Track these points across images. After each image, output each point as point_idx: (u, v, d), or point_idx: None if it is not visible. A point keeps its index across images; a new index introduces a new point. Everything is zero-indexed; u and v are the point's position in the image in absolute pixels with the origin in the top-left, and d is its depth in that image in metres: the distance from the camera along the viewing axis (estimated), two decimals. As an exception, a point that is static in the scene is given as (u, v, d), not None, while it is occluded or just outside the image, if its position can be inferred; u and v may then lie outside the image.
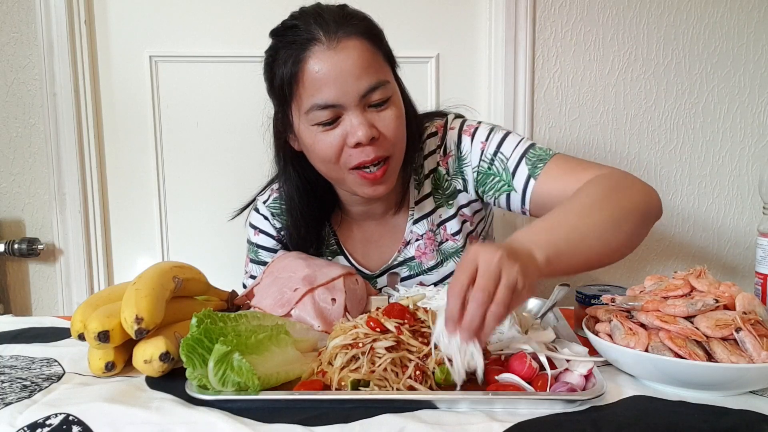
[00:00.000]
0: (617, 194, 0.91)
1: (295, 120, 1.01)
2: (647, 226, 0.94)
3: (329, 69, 0.94)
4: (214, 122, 1.72)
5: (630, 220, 0.90)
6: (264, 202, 1.18)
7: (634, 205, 0.91)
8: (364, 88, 0.94)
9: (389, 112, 0.98)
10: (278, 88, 1.00)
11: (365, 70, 0.95)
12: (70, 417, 0.66)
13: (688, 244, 1.82)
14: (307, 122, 0.98)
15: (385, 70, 0.99)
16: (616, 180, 0.94)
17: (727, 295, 0.76)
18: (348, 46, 0.94)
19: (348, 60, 0.94)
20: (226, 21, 1.68)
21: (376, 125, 0.96)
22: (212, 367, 0.68)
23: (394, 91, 1.00)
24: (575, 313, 0.97)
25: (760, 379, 0.69)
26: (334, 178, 1.04)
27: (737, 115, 1.76)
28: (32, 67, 1.67)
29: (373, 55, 0.97)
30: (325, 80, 0.94)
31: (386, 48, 1.02)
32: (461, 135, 1.10)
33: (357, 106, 0.95)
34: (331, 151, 0.97)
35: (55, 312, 1.76)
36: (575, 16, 1.69)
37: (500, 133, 1.08)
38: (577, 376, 0.72)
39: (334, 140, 0.97)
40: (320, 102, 0.95)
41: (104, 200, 1.76)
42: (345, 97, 0.94)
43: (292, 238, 1.13)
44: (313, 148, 0.99)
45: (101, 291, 0.89)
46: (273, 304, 0.92)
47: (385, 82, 0.97)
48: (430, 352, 0.72)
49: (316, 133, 0.97)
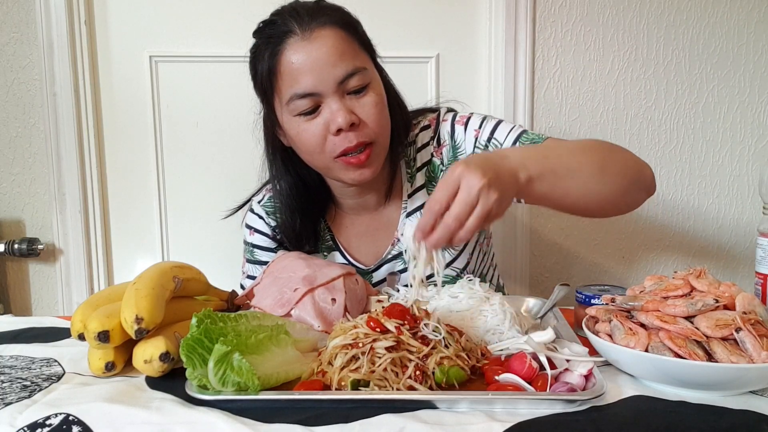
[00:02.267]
0: (612, 153, 0.95)
1: (279, 113, 1.03)
2: (637, 191, 0.96)
3: (305, 58, 0.96)
4: (214, 122, 1.72)
5: (618, 176, 0.92)
6: (259, 201, 1.20)
7: (626, 166, 0.94)
8: (341, 74, 0.97)
9: (368, 98, 1.00)
10: (260, 83, 1.03)
11: (340, 57, 0.97)
12: (70, 417, 0.66)
13: (688, 244, 1.82)
14: (290, 113, 1.00)
15: (362, 57, 1.01)
16: (612, 145, 0.98)
17: (727, 295, 0.76)
18: (322, 35, 0.97)
19: (322, 48, 0.96)
20: (226, 21, 1.68)
21: (356, 111, 0.98)
22: (212, 367, 0.68)
23: (373, 78, 1.02)
24: (575, 313, 0.97)
25: (760, 379, 0.69)
26: (320, 167, 1.06)
27: (737, 115, 1.76)
28: (32, 67, 1.67)
29: (348, 43, 0.99)
30: (302, 69, 0.96)
31: (363, 37, 1.04)
32: (454, 125, 1.12)
33: (335, 93, 0.97)
34: (315, 140, 0.99)
35: (55, 312, 1.76)
36: (575, 16, 1.69)
37: (493, 120, 1.10)
38: (577, 376, 0.72)
39: (317, 129, 0.99)
40: (299, 91, 0.97)
41: (104, 200, 1.76)
42: (322, 85, 0.96)
43: (288, 234, 1.14)
44: (298, 138, 1.02)
45: (101, 291, 0.89)
46: (273, 304, 0.92)
47: (362, 69, 0.99)
48: (430, 352, 0.72)
49: (299, 123, 1.00)
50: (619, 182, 0.91)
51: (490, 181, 0.74)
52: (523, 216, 1.76)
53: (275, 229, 1.17)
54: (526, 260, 1.79)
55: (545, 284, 1.81)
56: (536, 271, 1.82)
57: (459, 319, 0.88)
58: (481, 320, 0.87)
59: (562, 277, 1.80)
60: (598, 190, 0.90)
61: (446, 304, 0.92)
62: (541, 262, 1.81)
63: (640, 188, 0.96)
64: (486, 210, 0.74)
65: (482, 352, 0.79)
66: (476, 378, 0.75)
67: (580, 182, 0.88)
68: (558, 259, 1.81)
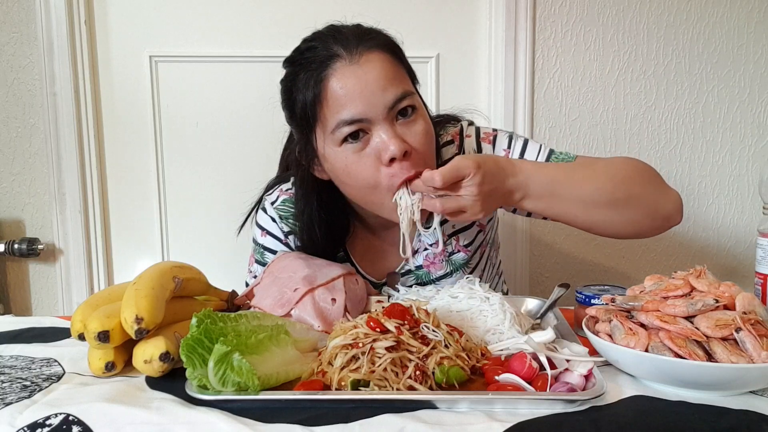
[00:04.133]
0: (629, 180, 0.95)
1: (320, 144, 0.96)
2: (649, 223, 0.97)
3: (354, 83, 0.90)
4: (214, 122, 1.72)
5: (629, 207, 0.93)
6: (272, 203, 1.15)
7: (641, 196, 0.94)
8: (391, 99, 0.91)
9: (418, 126, 0.94)
10: (300, 113, 0.95)
11: (390, 81, 0.91)
12: (70, 417, 0.66)
13: (688, 244, 1.82)
14: (334, 143, 0.93)
15: (408, 82, 0.97)
16: (637, 168, 0.98)
17: (727, 295, 0.75)
18: (370, 59, 0.91)
19: (372, 72, 0.90)
20: (226, 21, 1.68)
21: (407, 139, 0.92)
22: (212, 367, 0.68)
23: (419, 104, 0.96)
24: (575, 313, 0.97)
25: (760, 379, 0.69)
26: (371, 203, 0.97)
27: (737, 115, 1.76)
28: (32, 66, 1.67)
29: (395, 67, 0.94)
30: (351, 95, 0.90)
31: (407, 62, 0.99)
32: (480, 143, 1.08)
33: (385, 119, 0.91)
34: (367, 172, 0.92)
35: (55, 312, 1.76)
36: (575, 16, 1.69)
37: (520, 140, 1.08)
38: (577, 376, 0.72)
39: (368, 161, 0.92)
40: (347, 117, 0.90)
41: (104, 200, 1.76)
42: (372, 111, 0.90)
43: (307, 251, 1.09)
44: (347, 172, 0.94)
45: (101, 291, 0.89)
46: (273, 304, 0.92)
47: (411, 93, 0.94)
48: (430, 352, 0.72)
49: (347, 154, 0.92)
50: (630, 212, 0.93)
51: (486, 196, 0.86)
52: (524, 219, 1.76)
53: (288, 235, 1.13)
54: (526, 260, 1.79)
55: (545, 284, 1.81)
56: (536, 271, 1.82)
57: (459, 319, 0.88)
58: (481, 320, 0.87)
59: (562, 277, 1.80)
60: (600, 216, 0.93)
61: (446, 304, 0.92)
62: (541, 262, 1.81)
63: (655, 220, 0.96)
64: (466, 217, 0.88)
65: (482, 352, 0.79)
66: (476, 378, 0.74)
67: (582, 209, 0.92)
68: (558, 259, 1.81)
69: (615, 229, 0.97)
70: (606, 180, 0.94)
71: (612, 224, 0.96)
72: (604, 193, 0.93)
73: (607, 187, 0.93)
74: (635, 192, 0.94)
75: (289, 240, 1.13)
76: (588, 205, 0.93)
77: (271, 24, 1.69)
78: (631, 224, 0.97)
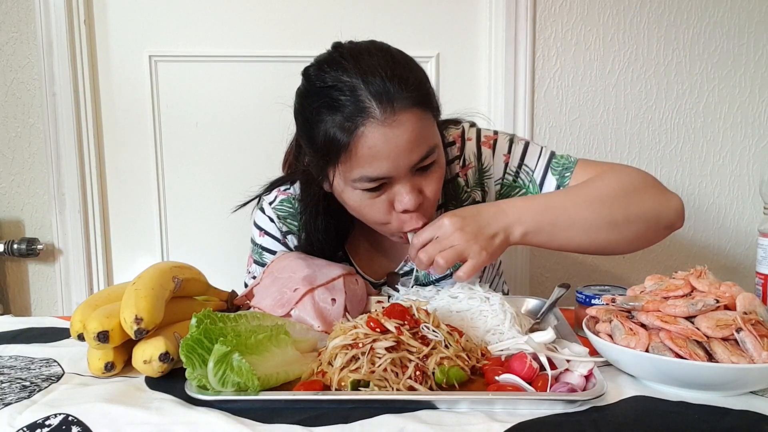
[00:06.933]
0: (627, 197, 0.95)
1: (337, 180, 0.96)
2: (653, 233, 0.98)
3: (383, 145, 0.88)
4: (214, 122, 1.72)
5: (632, 224, 0.93)
6: (270, 203, 1.15)
7: (641, 210, 0.94)
8: (416, 159, 0.91)
9: (434, 174, 0.95)
10: (322, 148, 0.92)
11: (418, 142, 0.90)
12: (69, 417, 0.66)
13: (689, 244, 1.82)
14: (352, 187, 0.94)
15: (434, 131, 0.95)
16: (633, 181, 0.98)
17: (727, 295, 0.75)
18: (403, 120, 0.88)
19: (404, 135, 0.88)
20: (226, 21, 1.68)
21: (422, 188, 0.94)
22: (212, 368, 0.68)
23: (439, 152, 0.96)
24: (575, 313, 0.97)
25: (761, 379, 0.69)
26: (375, 227, 1.01)
27: (737, 115, 1.76)
28: (31, 66, 1.67)
29: (425, 121, 0.91)
30: (379, 156, 0.89)
31: (435, 104, 0.96)
32: (480, 146, 1.09)
33: (406, 175, 0.92)
34: (380, 215, 0.95)
35: (54, 312, 1.76)
36: (575, 16, 1.69)
37: (520, 143, 1.08)
38: (578, 377, 0.71)
39: (381, 205, 0.94)
40: (371, 175, 0.90)
41: (104, 200, 1.76)
42: (397, 170, 0.91)
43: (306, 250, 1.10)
44: (359, 209, 0.97)
45: (101, 291, 0.89)
46: (273, 305, 0.92)
47: (435, 148, 0.93)
48: (430, 352, 0.72)
49: (363, 197, 0.94)
50: (632, 229, 0.93)
51: (474, 237, 0.89)
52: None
53: (286, 235, 1.14)
54: (526, 260, 1.79)
55: (545, 284, 1.81)
56: (536, 271, 1.81)
57: (459, 319, 0.88)
58: (481, 320, 0.87)
59: (562, 277, 1.80)
60: (604, 239, 0.93)
61: (446, 305, 0.92)
62: (541, 262, 1.81)
63: (658, 229, 0.97)
64: (475, 263, 0.89)
65: (482, 353, 0.79)
66: (476, 378, 0.74)
67: (583, 234, 0.92)
68: (558, 259, 1.81)
69: (621, 248, 0.98)
70: (604, 200, 0.94)
71: (618, 243, 0.96)
72: (604, 215, 0.93)
73: (603, 210, 0.93)
74: (634, 209, 0.95)
75: (288, 240, 1.13)
76: (590, 229, 0.93)
77: (271, 24, 1.68)
78: (636, 239, 0.97)
